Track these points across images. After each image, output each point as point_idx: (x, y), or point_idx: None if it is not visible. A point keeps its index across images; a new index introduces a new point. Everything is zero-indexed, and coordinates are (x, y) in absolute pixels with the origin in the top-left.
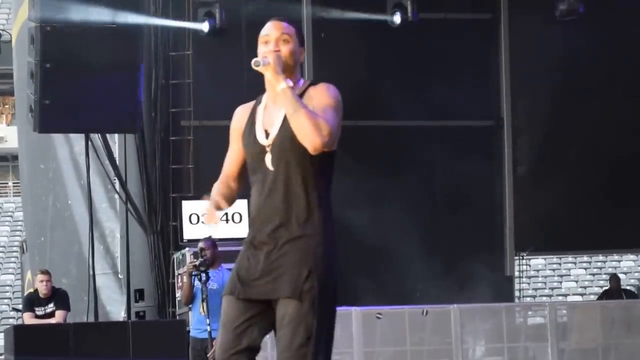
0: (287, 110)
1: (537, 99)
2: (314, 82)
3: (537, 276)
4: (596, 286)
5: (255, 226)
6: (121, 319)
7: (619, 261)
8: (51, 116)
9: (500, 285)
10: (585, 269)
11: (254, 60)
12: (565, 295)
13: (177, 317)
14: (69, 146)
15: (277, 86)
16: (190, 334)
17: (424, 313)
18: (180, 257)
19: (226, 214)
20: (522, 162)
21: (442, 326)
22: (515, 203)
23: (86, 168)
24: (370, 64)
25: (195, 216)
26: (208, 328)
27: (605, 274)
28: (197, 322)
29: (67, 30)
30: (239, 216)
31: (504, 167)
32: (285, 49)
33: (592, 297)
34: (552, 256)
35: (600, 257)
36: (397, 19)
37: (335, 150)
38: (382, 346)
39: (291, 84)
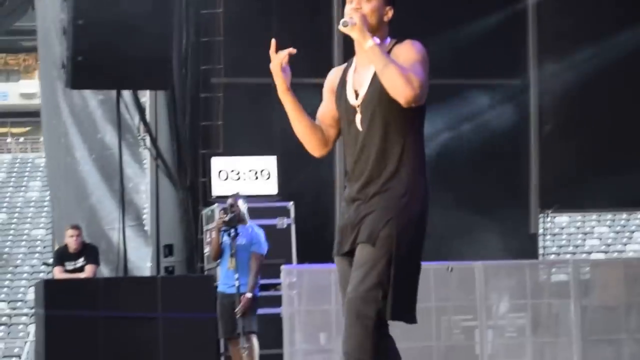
0: (376, 66)
1: (565, 58)
2: (399, 40)
3: (561, 234)
4: (619, 244)
5: (350, 183)
6: (146, 272)
7: None
8: (83, 73)
9: (524, 242)
10: (609, 227)
11: (341, 21)
12: (589, 253)
13: (206, 273)
14: (82, 102)
15: (364, 44)
16: (218, 289)
17: (449, 269)
18: (209, 213)
19: (255, 172)
20: (548, 120)
21: (467, 283)
22: (541, 161)
23: (117, 125)
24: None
25: (225, 173)
26: (236, 283)
27: (628, 231)
28: (225, 278)
29: None
30: (267, 173)
31: (530, 125)
32: (367, 7)
33: (615, 254)
34: (576, 214)
35: (624, 216)
36: None
37: (424, 105)
38: None
39: (378, 41)
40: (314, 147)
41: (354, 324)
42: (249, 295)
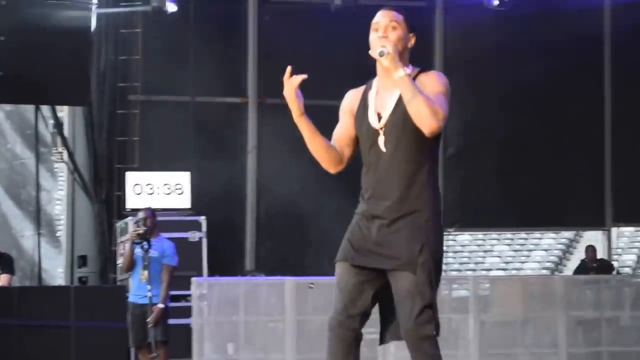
0: (405, 96)
1: (468, 82)
2: (424, 69)
3: (463, 251)
4: (518, 262)
5: (370, 202)
6: (58, 281)
7: (540, 239)
8: (3, 87)
9: None
10: (508, 245)
11: (378, 50)
12: (489, 270)
13: (118, 283)
14: None
15: (395, 73)
16: (129, 299)
17: None
18: (123, 225)
19: (169, 186)
20: (451, 142)
21: None
22: (444, 182)
23: (35, 138)
24: (312, 47)
25: (139, 187)
26: (149, 294)
27: (526, 250)
28: (137, 288)
29: (20, 4)
30: (181, 188)
31: None
32: (393, 36)
33: (514, 272)
34: (477, 232)
35: (523, 235)
36: (336, 5)
37: (441, 133)
38: (314, 315)
39: (408, 71)
40: (328, 165)
41: (418, 347)
42: (160, 305)
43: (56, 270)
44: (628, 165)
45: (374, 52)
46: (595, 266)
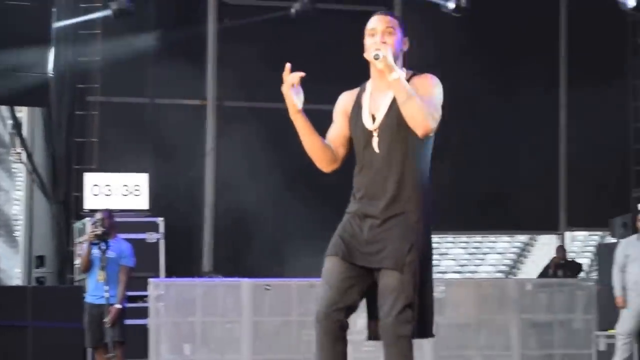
0: (399, 98)
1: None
2: (417, 73)
3: None
4: (473, 265)
5: (362, 201)
6: (15, 280)
7: (495, 242)
8: None
9: None
10: (463, 248)
11: (373, 53)
12: (444, 273)
13: (75, 284)
14: None
15: (389, 76)
16: (86, 300)
17: (311, 286)
18: (81, 226)
19: (127, 187)
20: None
21: None
22: None
23: None
24: (275, 45)
25: (97, 188)
26: (106, 295)
27: (481, 253)
28: (95, 289)
29: None
30: (139, 189)
31: None
32: (390, 40)
33: (469, 275)
34: (433, 236)
35: (478, 238)
36: (296, 9)
37: (433, 135)
38: (270, 316)
39: (403, 74)
40: (323, 164)
41: (394, 344)
42: (118, 306)
43: (13, 271)
44: (582, 170)
45: (368, 55)
46: (562, 263)
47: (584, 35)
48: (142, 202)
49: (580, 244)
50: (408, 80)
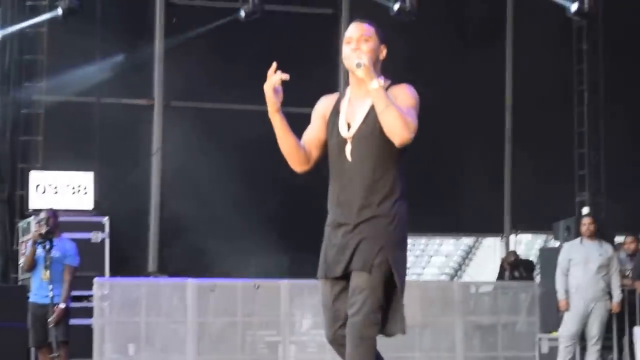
0: (378, 106)
1: None
2: (394, 82)
3: None
4: (419, 267)
5: (335, 210)
6: None
7: (440, 245)
8: None
9: None
10: (410, 251)
11: (355, 61)
12: None
13: (20, 283)
14: None
15: (369, 84)
16: (30, 299)
17: (256, 287)
18: (25, 225)
19: (72, 187)
20: None
21: (272, 299)
22: None
23: None
24: (223, 46)
25: (42, 187)
26: (50, 294)
27: (427, 256)
28: (39, 288)
29: None
30: (84, 188)
31: None
32: (365, 47)
33: (415, 277)
34: None
35: (424, 240)
36: (244, 10)
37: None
38: (215, 317)
39: (382, 83)
40: (296, 164)
41: (358, 344)
42: (62, 305)
43: None
44: (526, 173)
45: (349, 64)
46: (517, 262)
47: (529, 39)
48: (87, 201)
49: (524, 247)
50: (386, 89)
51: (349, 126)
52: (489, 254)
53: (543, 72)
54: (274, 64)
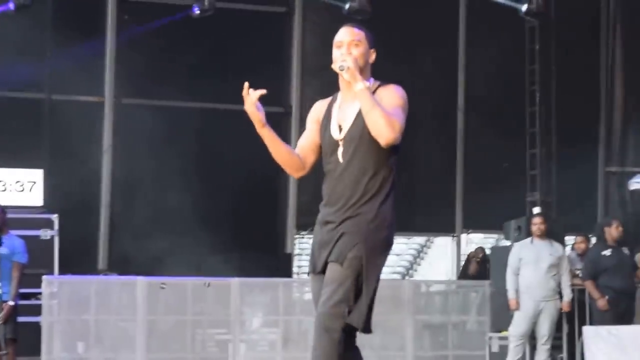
0: (363, 108)
1: (324, 86)
2: (383, 83)
3: None
4: None
5: (324, 209)
6: None
7: (395, 243)
8: None
9: (279, 261)
10: None
11: (338, 65)
12: None
13: None
14: None
15: (354, 86)
16: None
17: (207, 285)
18: None
19: (22, 183)
20: None
21: (223, 298)
22: (299, 185)
23: None
24: (173, 43)
25: None
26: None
27: None
28: None
29: None
30: (33, 185)
31: None
32: (356, 52)
33: None
34: None
35: None
36: (197, 7)
37: (399, 144)
38: (165, 315)
39: (368, 84)
40: (291, 171)
41: (321, 336)
42: (10, 303)
43: None
44: (478, 172)
45: (335, 67)
46: (482, 256)
47: (482, 40)
48: (36, 198)
49: (476, 247)
50: (374, 90)
51: (340, 128)
52: (440, 253)
53: (495, 73)
54: (246, 84)
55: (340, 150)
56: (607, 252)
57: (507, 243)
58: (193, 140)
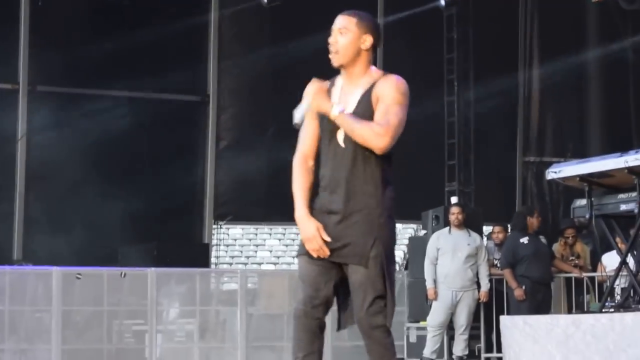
0: (346, 130)
1: (241, 75)
2: (386, 74)
3: (235, 245)
4: (289, 256)
5: (325, 195)
6: None
7: None
8: None
9: (197, 251)
10: (279, 239)
11: (297, 119)
12: (260, 264)
13: None
14: None
15: (330, 116)
16: None
17: (123, 275)
18: None
19: None
20: (224, 136)
21: (139, 288)
22: (217, 174)
23: None
24: (89, 31)
25: None
26: None
27: (297, 244)
28: None
29: None
30: None
31: (208, 140)
32: (341, 41)
33: (285, 266)
34: (249, 226)
35: (294, 229)
36: None
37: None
38: (81, 305)
39: (342, 108)
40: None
41: (370, 335)
42: None
43: None
44: (397, 162)
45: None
46: None
47: (399, 28)
48: None
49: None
50: (373, 84)
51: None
52: None
53: (413, 62)
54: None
55: (340, 135)
56: (525, 241)
57: (425, 233)
58: (109, 129)
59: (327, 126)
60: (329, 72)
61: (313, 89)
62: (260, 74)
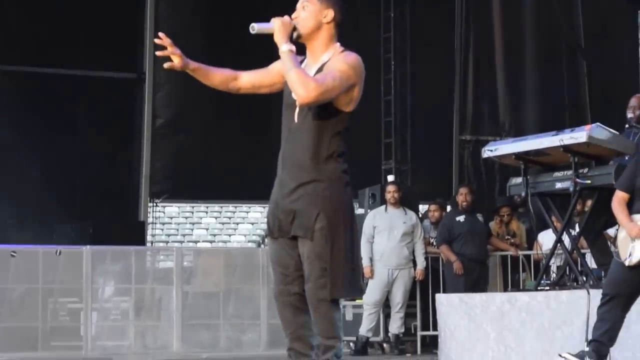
0: (283, 68)
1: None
2: (346, 50)
3: (171, 223)
4: (225, 234)
5: (281, 171)
6: None
7: (248, 212)
8: None
9: (133, 229)
10: (216, 218)
11: (254, 28)
12: (197, 242)
13: None
14: None
15: (280, 47)
16: None
17: (58, 253)
18: None
19: None
20: (161, 114)
21: (74, 266)
22: (152, 153)
23: None
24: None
25: None
26: None
27: (234, 223)
28: None
29: None
30: None
31: (144, 118)
32: (303, 14)
33: (221, 244)
34: (185, 204)
35: (231, 208)
36: None
37: (352, 110)
38: (15, 283)
39: (292, 47)
40: (226, 88)
41: (317, 308)
42: None
43: None
44: None
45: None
46: None
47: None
48: None
49: None
50: (332, 56)
51: None
52: None
53: (349, 40)
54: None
55: (296, 111)
56: (461, 219)
57: (362, 211)
58: (43, 106)
59: (288, 100)
60: (266, 50)
61: (284, 18)
62: (196, 52)
